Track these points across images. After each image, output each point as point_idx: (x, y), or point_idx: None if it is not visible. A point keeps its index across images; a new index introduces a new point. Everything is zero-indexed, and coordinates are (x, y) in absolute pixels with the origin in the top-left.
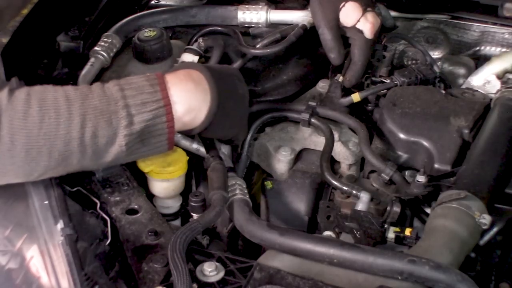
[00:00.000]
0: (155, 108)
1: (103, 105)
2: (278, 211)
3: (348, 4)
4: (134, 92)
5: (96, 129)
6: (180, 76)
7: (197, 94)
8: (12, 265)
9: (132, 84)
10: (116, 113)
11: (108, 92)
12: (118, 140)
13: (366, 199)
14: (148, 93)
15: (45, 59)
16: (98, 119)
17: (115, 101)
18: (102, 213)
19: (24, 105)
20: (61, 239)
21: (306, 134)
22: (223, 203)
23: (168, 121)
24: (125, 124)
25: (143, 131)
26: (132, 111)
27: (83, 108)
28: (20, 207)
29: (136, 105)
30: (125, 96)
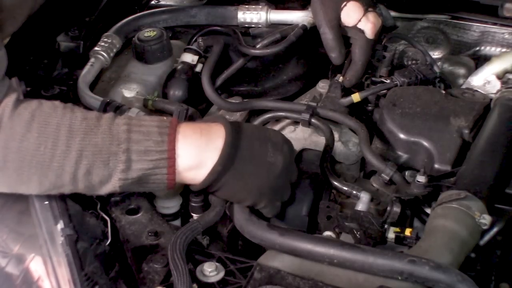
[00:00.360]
0: (157, 159)
1: (104, 143)
2: None
3: (350, 4)
4: (141, 137)
5: (91, 167)
6: (196, 129)
7: (207, 151)
8: (12, 265)
9: (142, 127)
10: (115, 155)
11: (114, 131)
12: (112, 181)
13: (366, 199)
14: (155, 141)
15: (45, 59)
16: (95, 158)
17: (118, 142)
18: (102, 213)
19: (23, 128)
20: (61, 240)
21: (306, 134)
22: (223, 203)
23: (169, 174)
24: (122, 169)
25: (140, 178)
26: (132, 157)
27: (82, 143)
28: (20, 207)
29: (138, 152)
30: (130, 139)
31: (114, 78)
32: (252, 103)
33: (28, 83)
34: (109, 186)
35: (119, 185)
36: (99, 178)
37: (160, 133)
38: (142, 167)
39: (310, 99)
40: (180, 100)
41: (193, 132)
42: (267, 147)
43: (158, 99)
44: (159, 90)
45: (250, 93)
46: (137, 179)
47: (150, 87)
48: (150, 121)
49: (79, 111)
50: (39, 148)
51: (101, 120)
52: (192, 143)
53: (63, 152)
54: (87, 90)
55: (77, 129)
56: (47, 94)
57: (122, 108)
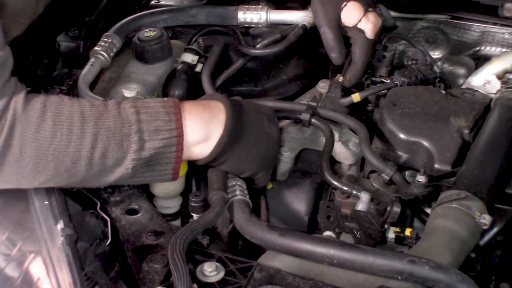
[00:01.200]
0: (168, 137)
1: (116, 126)
2: (278, 211)
3: (350, 4)
4: (150, 117)
5: (106, 150)
6: (198, 106)
7: (211, 125)
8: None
9: (149, 108)
10: (128, 136)
11: (124, 113)
12: (125, 163)
13: (366, 199)
14: (163, 120)
15: (45, 59)
16: (110, 141)
17: (129, 124)
18: (102, 213)
19: (38, 117)
20: (61, 239)
21: (306, 134)
22: (223, 204)
23: (177, 151)
24: (135, 149)
25: (151, 157)
26: (144, 137)
27: (96, 128)
28: (20, 207)
29: (149, 131)
30: (140, 120)
31: (114, 78)
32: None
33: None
34: (121, 169)
35: (131, 166)
36: (113, 161)
37: (167, 113)
38: (154, 145)
39: (310, 99)
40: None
41: (196, 108)
42: (263, 119)
43: None
44: (159, 90)
45: (250, 93)
46: (148, 159)
47: (150, 87)
48: (154, 102)
49: (85, 100)
50: (55, 135)
51: (108, 106)
52: (197, 118)
53: (78, 138)
54: (87, 90)
55: (88, 114)
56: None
57: None
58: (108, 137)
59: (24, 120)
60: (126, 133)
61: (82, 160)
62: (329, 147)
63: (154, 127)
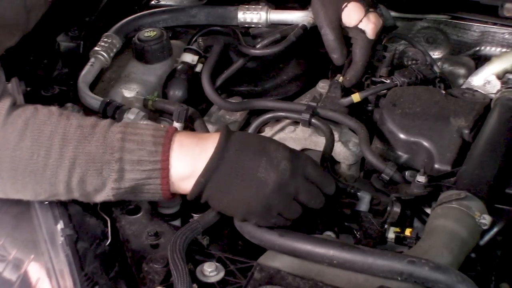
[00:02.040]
0: (150, 169)
1: (98, 152)
2: None
3: (351, 5)
4: (134, 146)
5: (85, 175)
6: (193, 138)
7: (199, 161)
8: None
9: (137, 136)
10: (108, 164)
11: (109, 139)
12: (106, 190)
13: (366, 199)
14: (148, 151)
15: (45, 59)
16: (89, 166)
17: (112, 151)
18: (102, 213)
19: (16, 136)
20: (61, 240)
21: (306, 134)
22: None
23: (163, 184)
24: (114, 178)
25: (133, 187)
26: (125, 167)
27: (75, 152)
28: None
29: (131, 162)
30: (123, 148)
31: (114, 78)
32: (252, 103)
33: (28, 83)
34: (103, 194)
35: (112, 194)
36: (93, 187)
37: (155, 143)
38: (134, 177)
39: (310, 99)
40: (180, 100)
41: (190, 141)
42: (260, 161)
43: (158, 99)
44: (159, 90)
45: (250, 93)
46: (131, 189)
47: (150, 87)
48: (146, 129)
49: (75, 118)
50: (32, 156)
51: (96, 128)
52: (187, 153)
53: (56, 161)
54: (87, 90)
55: (71, 137)
56: (47, 94)
57: (122, 108)
58: (87, 162)
59: (2, 138)
60: (107, 160)
61: (60, 184)
62: (329, 147)
63: (137, 157)
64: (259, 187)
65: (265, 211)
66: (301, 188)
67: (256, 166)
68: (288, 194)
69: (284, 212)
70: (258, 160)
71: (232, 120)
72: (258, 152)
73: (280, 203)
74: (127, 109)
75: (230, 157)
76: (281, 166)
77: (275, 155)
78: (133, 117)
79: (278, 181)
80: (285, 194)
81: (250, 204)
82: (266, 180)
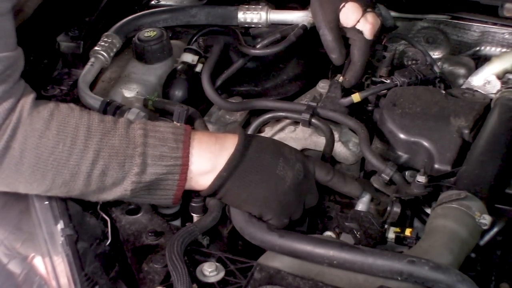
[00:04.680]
0: (172, 165)
1: (121, 146)
2: None
3: (348, 5)
4: (157, 142)
5: (107, 168)
6: (211, 137)
7: (220, 158)
8: (13, 265)
9: (158, 133)
10: (131, 158)
11: (131, 134)
12: (124, 184)
13: (366, 199)
14: (170, 147)
15: (45, 59)
16: (112, 159)
17: (134, 146)
18: (102, 213)
19: (43, 125)
20: (61, 240)
21: (306, 134)
22: (219, 209)
23: (180, 180)
24: (136, 172)
25: (152, 182)
26: (148, 161)
27: (100, 144)
28: (20, 207)
29: (154, 156)
30: (146, 143)
31: (114, 78)
32: (252, 103)
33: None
34: (120, 189)
35: (130, 188)
36: (112, 180)
37: (176, 140)
38: (156, 171)
39: (310, 99)
40: (180, 100)
41: (208, 139)
42: (278, 160)
43: (158, 99)
44: (159, 90)
45: (250, 93)
46: (149, 184)
47: (150, 87)
48: (166, 127)
49: (96, 114)
50: (57, 145)
51: (118, 124)
52: (206, 149)
53: (80, 152)
54: (87, 90)
55: (95, 130)
56: (47, 94)
57: (122, 108)
58: (111, 156)
59: (28, 124)
60: (130, 154)
61: (81, 175)
62: (329, 147)
63: (160, 153)
64: (278, 183)
65: (281, 207)
66: (311, 189)
67: (275, 164)
68: (302, 194)
69: (295, 212)
70: (276, 159)
71: (232, 120)
72: (275, 153)
73: (294, 202)
74: (127, 109)
75: (250, 155)
76: (296, 167)
77: (290, 157)
78: (133, 117)
79: (295, 179)
80: (299, 193)
81: (268, 199)
82: (284, 178)
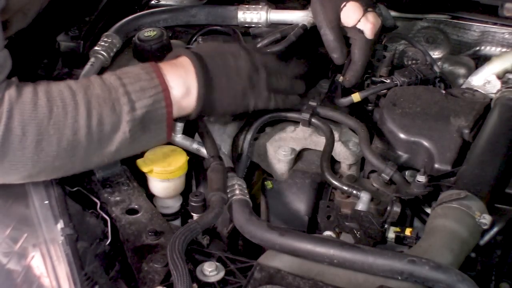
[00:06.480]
0: (154, 94)
1: (105, 93)
2: (278, 211)
3: (349, 4)
4: (132, 80)
5: (102, 116)
6: (172, 65)
7: (188, 79)
8: (13, 264)
9: (129, 73)
10: (118, 100)
11: (107, 82)
12: (122, 127)
13: (366, 199)
14: (146, 80)
15: (45, 59)
16: (102, 107)
17: (115, 89)
18: (102, 213)
19: (32, 97)
20: (61, 239)
21: (306, 134)
22: (222, 205)
23: (167, 106)
24: (127, 110)
25: (144, 116)
26: (132, 97)
27: (86, 97)
28: (20, 207)
29: (135, 92)
30: (124, 84)
31: None
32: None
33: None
34: (119, 135)
35: (128, 129)
36: (110, 126)
37: (147, 72)
38: (144, 103)
39: (310, 99)
40: None
41: (171, 67)
42: (226, 56)
43: None
44: None
45: None
46: (142, 119)
47: None
48: (133, 68)
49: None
50: (52, 109)
51: (91, 79)
52: (175, 74)
53: (73, 108)
54: None
55: (76, 88)
56: None
57: None
58: (100, 104)
59: (21, 103)
60: (115, 97)
61: (82, 130)
62: (329, 147)
63: (139, 87)
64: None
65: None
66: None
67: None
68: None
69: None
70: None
71: (232, 119)
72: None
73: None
74: None
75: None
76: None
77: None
78: None
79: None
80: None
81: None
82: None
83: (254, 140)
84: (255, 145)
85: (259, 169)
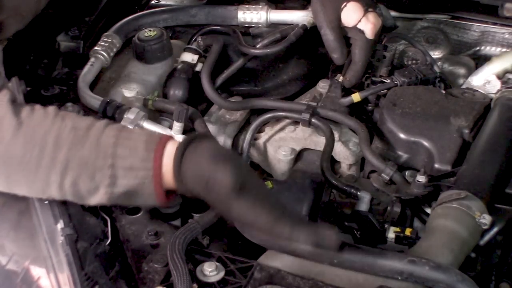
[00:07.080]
0: (143, 176)
1: (91, 157)
2: None
3: (350, 4)
4: (127, 152)
5: (77, 179)
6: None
7: None
8: (12, 265)
9: (131, 141)
10: (101, 170)
11: (102, 144)
12: (99, 194)
13: (366, 199)
14: (140, 158)
15: (45, 59)
16: (81, 170)
17: (104, 157)
18: (102, 213)
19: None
20: (61, 239)
21: (306, 134)
22: None
23: (156, 190)
24: (107, 184)
25: (127, 192)
26: (117, 173)
27: (68, 155)
28: (20, 207)
29: (123, 168)
30: (115, 154)
31: (114, 78)
32: (252, 103)
33: (28, 83)
34: (97, 198)
35: (106, 198)
36: (86, 189)
37: (147, 149)
38: (127, 183)
39: (310, 99)
40: (180, 100)
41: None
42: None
43: (158, 99)
44: (159, 90)
45: (250, 93)
46: (124, 194)
47: (150, 87)
48: (139, 135)
49: (70, 120)
50: (25, 155)
51: (91, 131)
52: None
53: (48, 162)
54: (87, 90)
55: (64, 139)
56: (47, 94)
57: (122, 108)
58: (80, 167)
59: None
60: (100, 166)
61: (53, 185)
62: (329, 147)
63: (129, 164)
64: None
65: None
66: None
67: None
68: None
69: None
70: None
71: (232, 119)
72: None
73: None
74: (127, 109)
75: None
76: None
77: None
78: (133, 117)
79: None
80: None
81: None
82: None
83: (254, 140)
84: (255, 145)
85: (259, 169)
